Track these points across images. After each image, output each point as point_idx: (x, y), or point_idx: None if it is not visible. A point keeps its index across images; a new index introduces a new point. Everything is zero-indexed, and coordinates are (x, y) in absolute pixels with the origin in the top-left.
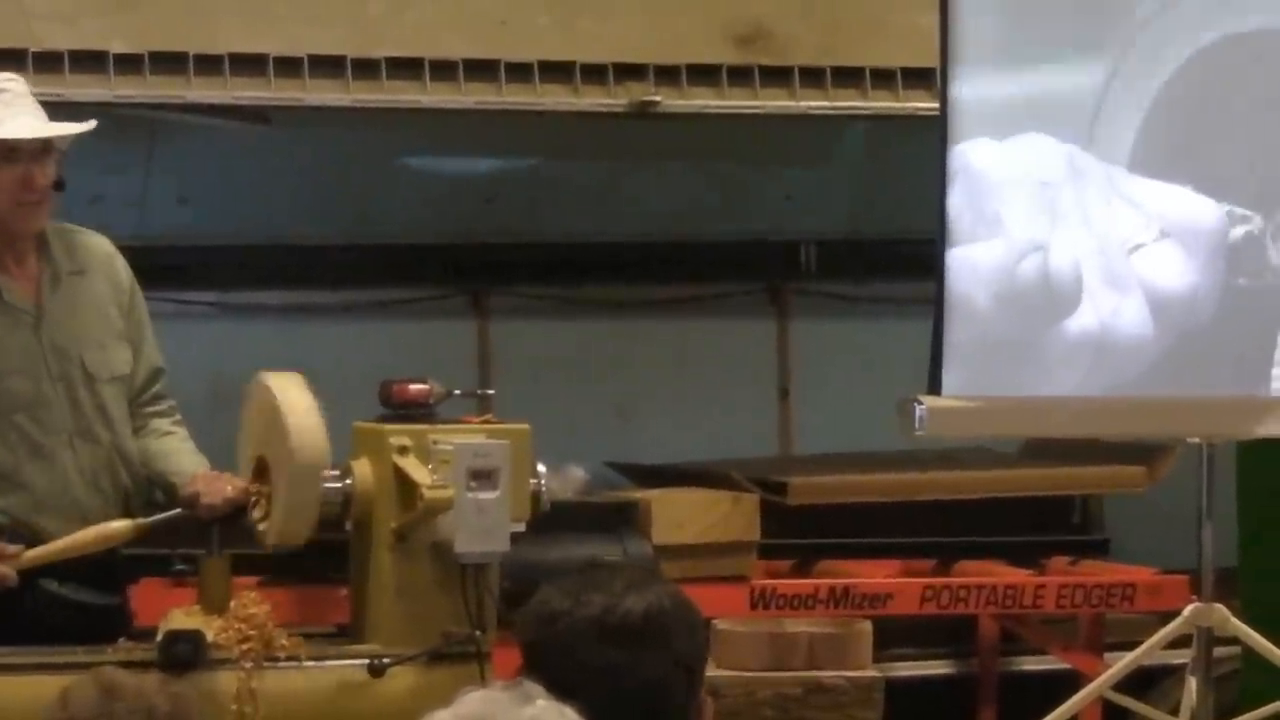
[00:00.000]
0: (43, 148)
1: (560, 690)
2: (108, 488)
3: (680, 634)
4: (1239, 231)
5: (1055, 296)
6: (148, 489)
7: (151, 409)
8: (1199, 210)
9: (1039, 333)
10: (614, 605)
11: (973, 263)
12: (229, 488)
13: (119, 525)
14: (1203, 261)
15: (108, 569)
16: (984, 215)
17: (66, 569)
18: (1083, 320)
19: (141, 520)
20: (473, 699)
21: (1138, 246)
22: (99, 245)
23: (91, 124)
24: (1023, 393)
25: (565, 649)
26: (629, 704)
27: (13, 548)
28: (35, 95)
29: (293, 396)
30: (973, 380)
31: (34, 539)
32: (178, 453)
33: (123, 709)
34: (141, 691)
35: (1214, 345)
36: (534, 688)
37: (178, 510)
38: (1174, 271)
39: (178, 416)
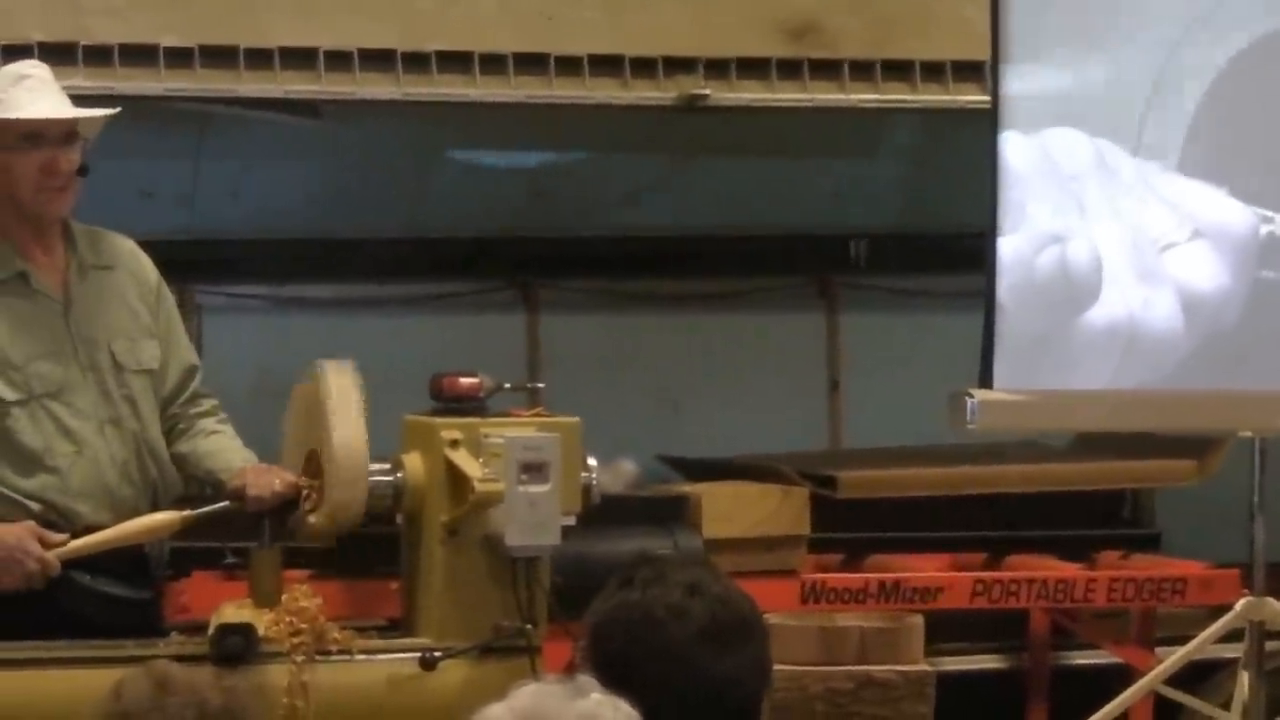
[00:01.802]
0: (67, 134)
1: (652, 693)
2: (137, 478)
3: (758, 631)
4: (1265, 231)
5: (1074, 289)
6: (178, 485)
7: (195, 410)
8: (1232, 212)
9: (1063, 325)
10: (694, 600)
11: (1000, 255)
12: (277, 481)
13: (166, 516)
14: (1234, 263)
15: (139, 563)
16: (1009, 207)
17: (97, 562)
18: (1113, 312)
19: (189, 512)
20: (527, 693)
21: (1170, 245)
22: (125, 245)
23: (116, 109)
24: (1052, 386)
25: (671, 657)
26: (721, 705)
27: (58, 536)
28: (87, 89)
29: (343, 384)
30: (1010, 373)
31: (67, 524)
32: (226, 450)
33: (175, 703)
34: (194, 686)
35: (1244, 345)
36: (588, 682)
37: (225, 503)
38: (1206, 272)
39: (223, 415)
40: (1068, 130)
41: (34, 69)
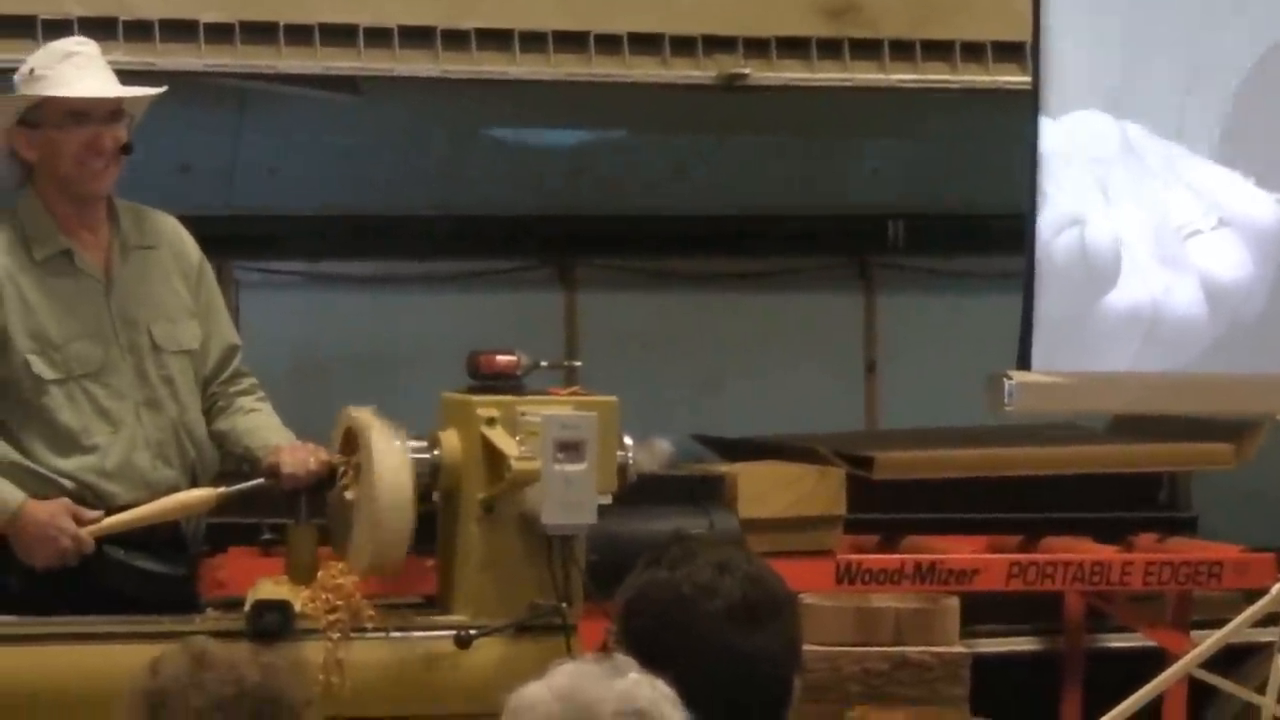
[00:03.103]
0: (113, 111)
1: (682, 672)
2: (175, 460)
3: (789, 611)
4: None
5: (1092, 272)
6: (215, 465)
7: (235, 388)
8: (1259, 202)
9: (1082, 308)
10: (745, 592)
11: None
12: (312, 459)
13: (202, 493)
14: (1259, 253)
15: (174, 539)
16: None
17: (133, 538)
18: (1134, 297)
19: (224, 489)
20: (564, 671)
21: (1195, 233)
22: (167, 222)
23: (162, 88)
24: (1070, 369)
25: (699, 635)
26: (751, 683)
27: (92, 513)
28: (126, 64)
29: (381, 439)
30: (1042, 355)
31: (101, 505)
32: (264, 428)
33: (213, 679)
34: (232, 662)
35: (1267, 334)
36: (626, 661)
37: (260, 480)
38: (1230, 261)
39: (261, 393)
40: (1095, 113)
41: (81, 46)
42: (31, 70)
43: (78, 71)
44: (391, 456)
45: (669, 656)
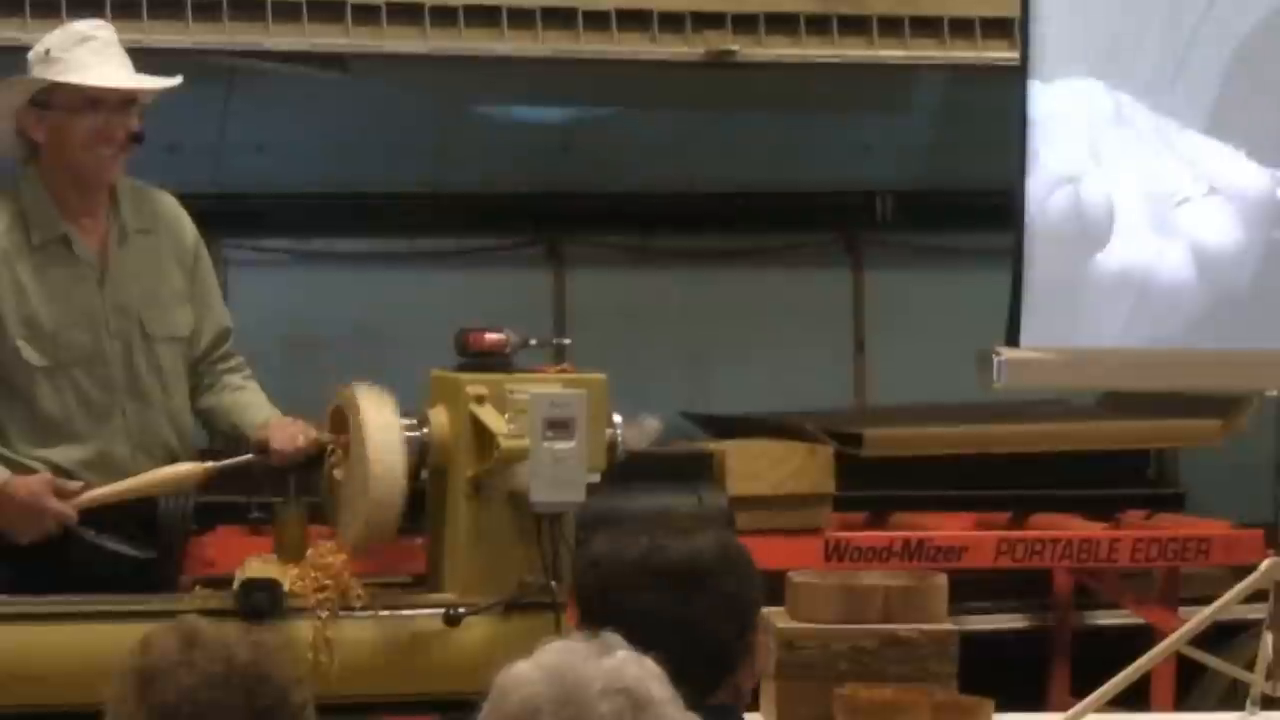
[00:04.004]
0: (125, 99)
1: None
2: (157, 451)
3: (725, 577)
4: None
5: (1087, 228)
6: (196, 455)
7: (223, 365)
8: (1250, 172)
9: (1076, 269)
10: (655, 549)
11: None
12: (300, 436)
13: (189, 468)
14: (1249, 221)
15: (147, 522)
16: (1024, 154)
17: (105, 519)
18: (1125, 260)
19: (212, 464)
20: (553, 649)
21: (1185, 200)
22: (167, 204)
23: (178, 79)
24: (1062, 334)
25: (604, 591)
26: (671, 644)
27: (73, 484)
28: None
29: (376, 412)
30: (1033, 325)
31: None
32: (252, 406)
33: (203, 657)
34: (223, 641)
35: (1258, 304)
36: (614, 639)
37: (249, 456)
38: (1220, 229)
39: (249, 371)
40: (1087, 80)
41: (98, 30)
42: (47, 51)
43: (95, 57)
44: (383, 423)
45: (609, 622)
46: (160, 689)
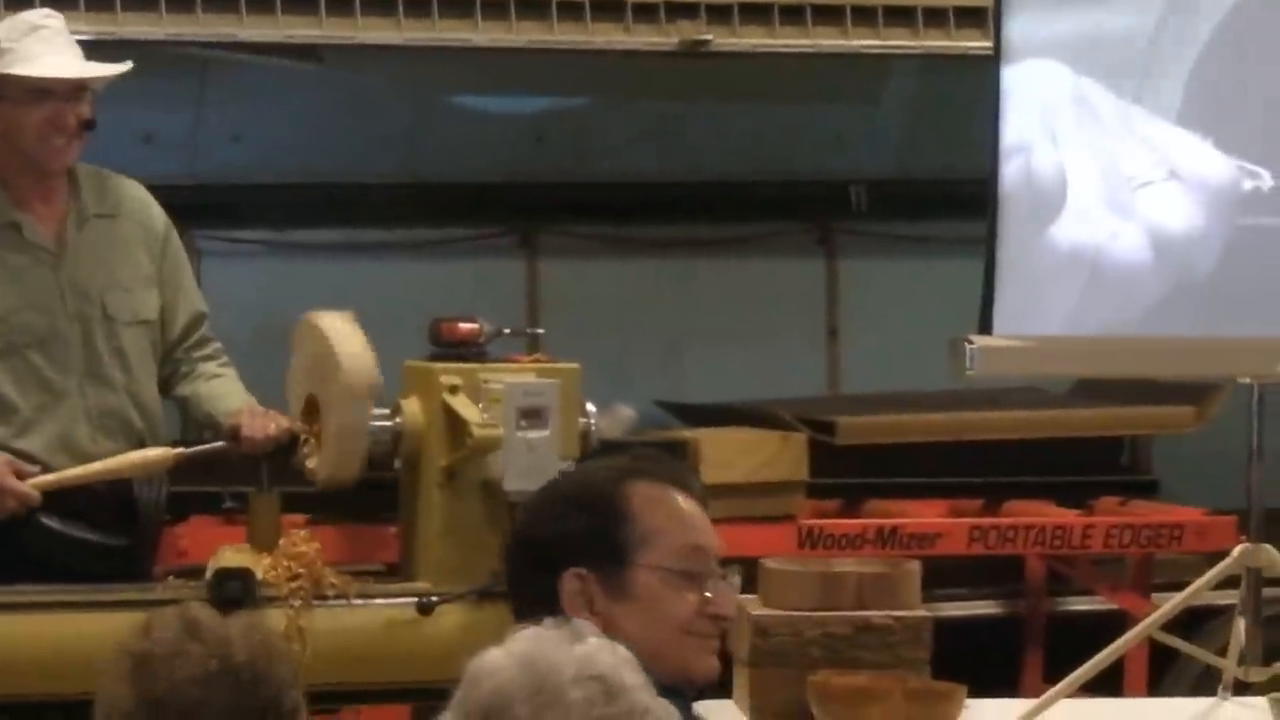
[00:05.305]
0: (76, 87)
1: None
2: (118, 432)
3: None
4: (1251, 185)
5: (1037, 199)
6: (166, 439)
7: (199, 353)
8: (1213, 161)
9: (1026, 245)
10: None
11: None
12: (272, 425)
13: (159, 452)
14: (1210, 209)
15: (123, 508)
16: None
17: (73, 506)
18: (1076, 236)
19: (182, 450)
20: (525, 637)
21: (1145, 184)
22: (133, 190)
23: (127, 65)
24: (1024, 317)
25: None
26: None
27: (32, 467)
28: (88, 34)
29: (344, 332)
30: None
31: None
32: (228, 394)
33: (199, 650)
34: (223, 637)
35: (1220, 293)
36: (585, 625)
37: (220, 443)
38: (1181, 214)
39: (225, 359)
40: (1049, 62)
41: (47, 19)
42: None
43: (43, 46)
44: (351, 343)
45: None
46: (152, 678)
